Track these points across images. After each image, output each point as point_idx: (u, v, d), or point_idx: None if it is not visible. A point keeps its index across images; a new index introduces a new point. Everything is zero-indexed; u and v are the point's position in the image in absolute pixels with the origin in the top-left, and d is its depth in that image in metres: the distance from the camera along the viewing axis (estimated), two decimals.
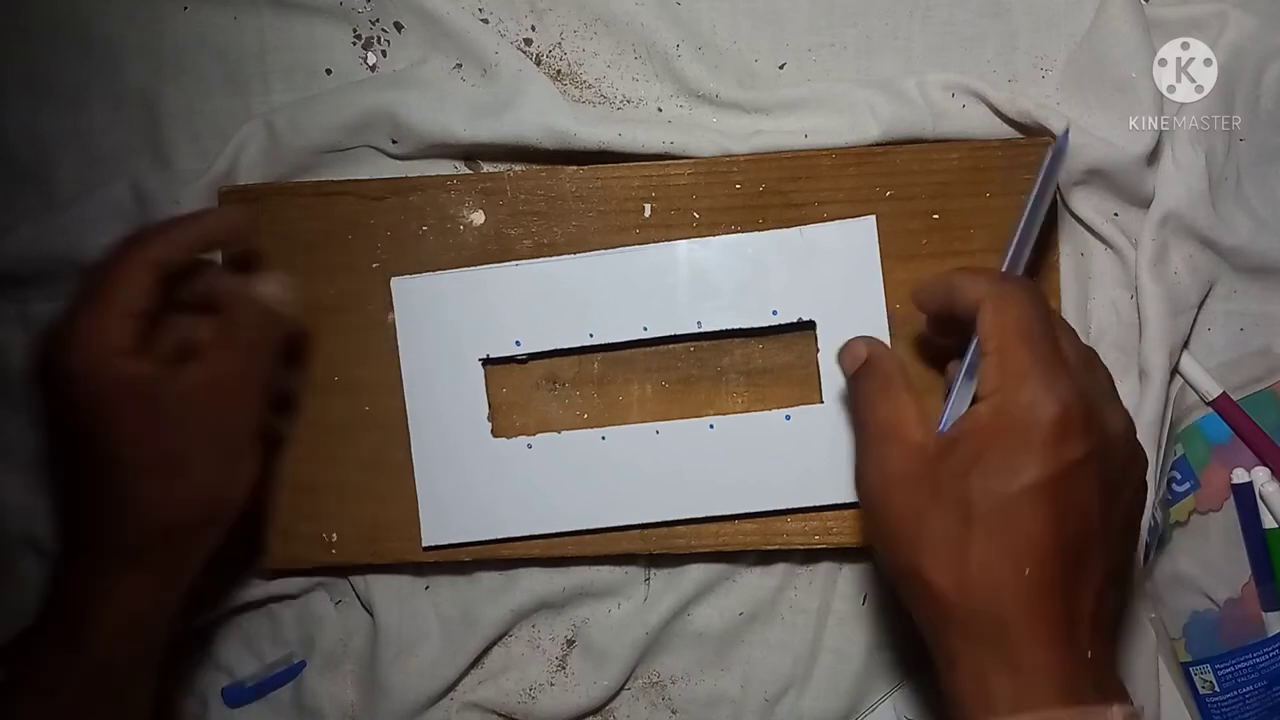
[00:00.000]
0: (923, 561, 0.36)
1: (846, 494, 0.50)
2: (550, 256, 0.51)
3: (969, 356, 0.39)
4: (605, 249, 0.51)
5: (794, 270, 0.50)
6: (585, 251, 0.51)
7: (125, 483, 0.42)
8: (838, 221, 0.50)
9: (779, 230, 0.50)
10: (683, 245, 0.50)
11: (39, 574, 0.57)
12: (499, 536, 0.51)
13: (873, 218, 0.50)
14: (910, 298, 0.44)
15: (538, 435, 0.51)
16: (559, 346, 0.51)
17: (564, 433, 0.51)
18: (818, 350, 0.50)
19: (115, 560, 0.43)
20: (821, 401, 0.50)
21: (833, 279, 0.50)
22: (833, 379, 0.50)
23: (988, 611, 0.35)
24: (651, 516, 0.50)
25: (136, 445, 0.42)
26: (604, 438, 0.51)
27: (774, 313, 0.50)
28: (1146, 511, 0.48)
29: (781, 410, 0.50)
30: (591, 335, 0.51)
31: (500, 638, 0.55)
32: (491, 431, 0.51)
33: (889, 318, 0.50)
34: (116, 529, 0.43)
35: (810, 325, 0.50)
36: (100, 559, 0.43)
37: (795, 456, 0.50)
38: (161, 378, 0.43)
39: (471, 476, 0.51)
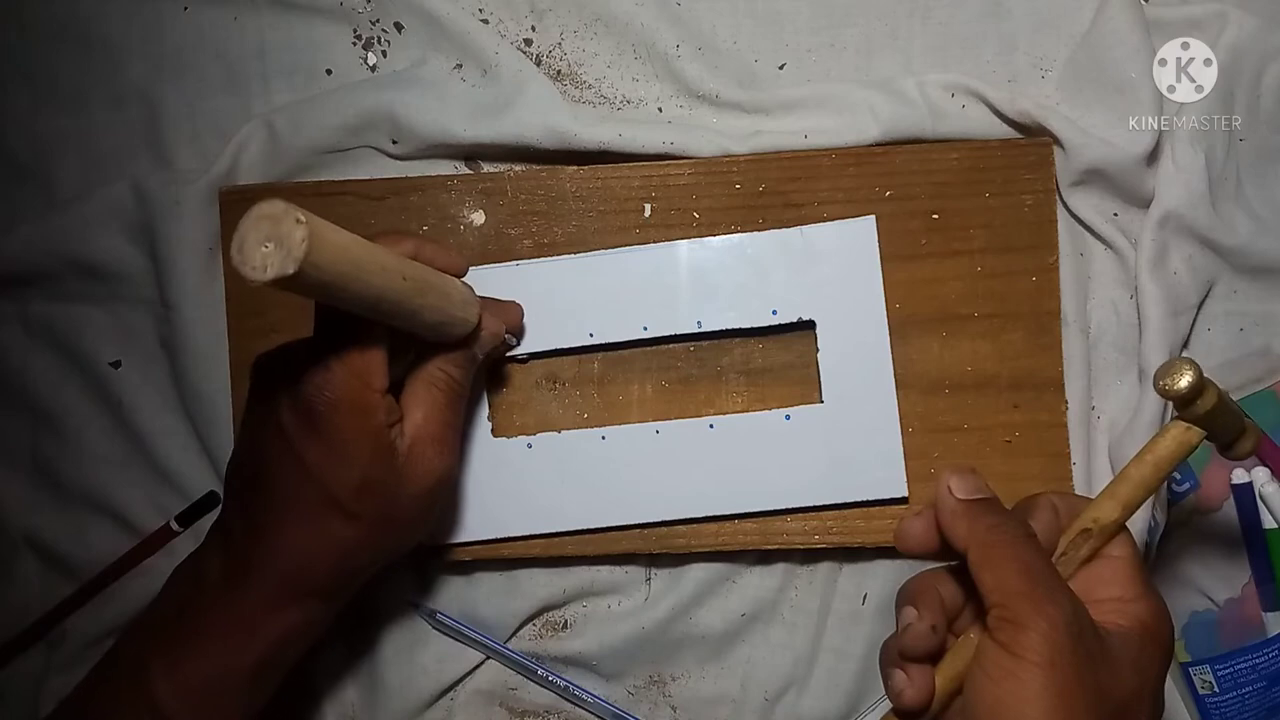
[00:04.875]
0: None
1: (846, 494, 0.50)
2: (550, 256, 0.51)
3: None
4: (605, 249, 0.51)
5: (794, 270, 0.50)
6: (585, 251, 0.51)
7: (341, 535, 0.41)
8: (837, 221, 0.50)
9: (779, 230, 0.50)
10: (683, 245, 0.50)
11: (39, 574, 0.57)
12: (499, 536, 0.51)
13: (872, 218, 0.50)
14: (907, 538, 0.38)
15: (538, 435, 0.51)
16: (559, 346, 0.51)
17: (564, 432, 0.51)
18: (817, 350, 0.50)
19: (294, 593, 0.42)
20: (821, 401, 0.50)
21: (832, 279, 0.50)
22: (832, 379, 0.50)
23: None
24: (651, 516, 0.50)
25: (368, 498, 0.41)
26: (604, 437, 0.51)
27: (774, 313, 0.50)
28: (1146, 512, 0.48)
29: (781, 410, 0.50)
30: (591, 335, 0.51)
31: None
32: (491, 431, 0.51)
33: (888, 317, 0.50)
34: (308, 569, 0.42)
35: (810, 325, 0.50)
36: (276, 592, 0.41)
37: (795, 456, 0.50)
38: (392, 431, 0.41)
39: (471, 476, 0.51)
